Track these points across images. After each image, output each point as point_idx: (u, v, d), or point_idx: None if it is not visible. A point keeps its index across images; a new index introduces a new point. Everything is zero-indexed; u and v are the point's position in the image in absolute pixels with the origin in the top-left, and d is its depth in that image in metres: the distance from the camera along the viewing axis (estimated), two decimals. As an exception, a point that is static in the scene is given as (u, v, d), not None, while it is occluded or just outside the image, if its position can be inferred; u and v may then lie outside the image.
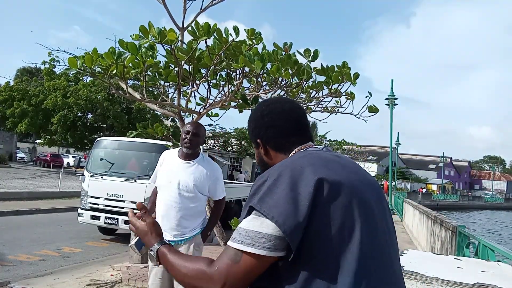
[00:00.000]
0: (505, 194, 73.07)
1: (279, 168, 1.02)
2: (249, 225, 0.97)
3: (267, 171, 1.05)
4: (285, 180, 0.98)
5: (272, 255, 0.94)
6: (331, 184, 0.97)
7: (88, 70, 3.79)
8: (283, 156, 1.19)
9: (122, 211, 7.75)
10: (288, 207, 0.94)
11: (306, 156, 1.08)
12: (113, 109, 25.66)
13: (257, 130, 1.23)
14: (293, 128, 1.21)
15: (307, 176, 0.98)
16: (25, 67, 43.83)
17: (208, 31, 3.53)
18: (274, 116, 1.21)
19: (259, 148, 1.24)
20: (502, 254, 3.54)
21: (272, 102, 1.27)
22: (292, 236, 0.92)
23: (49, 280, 5.13)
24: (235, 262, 0.96)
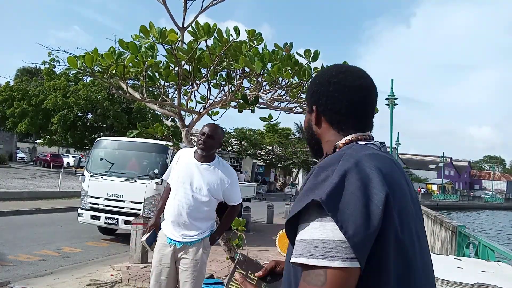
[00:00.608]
0: (505, 194, 73.06)
1: (344, 164, 0.87)
2: (326, 234, 0.81)
3: (329, 164, 0.90)
4: (355, 182, 0.84)
5: (358, 266, 0.80)
6: (394, 197, 0.86)
7: (88, 70, 3.79)
8: (336, 134, 1.04)
9: (122, 211, 7.75)
10: (359, 215, 0.81)
11: (370, 156, 0.92)
12: (113, 109, 25.66)
13: (317, 96, 1.07)
14: (357, 109, 1.05)
15: (377, 183, 0.85)
16: (25, 67, 43.78)
17: (209, 31, 3.53)
18: (342, 89, 1.04)
19: (313, 115, 1.09)
20: (502, 254, 3.54)
21: (345, 70, 1.07)
22: (361, 250, 0.80)
23: (49, 280, 5.13)
24: (321, 285, 0.79)
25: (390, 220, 0.84)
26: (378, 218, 0.81)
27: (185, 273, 2.90)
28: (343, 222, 0.79)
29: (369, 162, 0.89)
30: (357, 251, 0.79)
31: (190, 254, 2.91)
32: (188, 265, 2.90)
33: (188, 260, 2.91)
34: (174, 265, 2.95)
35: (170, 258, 2.93)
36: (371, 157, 0.91)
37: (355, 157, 0.89)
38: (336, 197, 0.82)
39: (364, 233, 0.80)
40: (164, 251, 2.96)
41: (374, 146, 1.00)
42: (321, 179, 0.86)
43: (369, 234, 0.80)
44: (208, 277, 5.20)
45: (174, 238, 2.93)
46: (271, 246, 8.70)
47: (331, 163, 0.90)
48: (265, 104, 4.97)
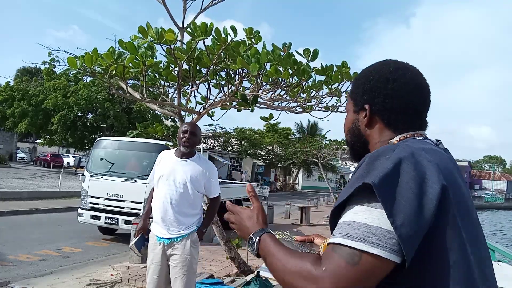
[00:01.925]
0: (505, 194, 73.06)
1: (399, 153, 0.82)
2: (369, 219, 0.78)
3: (381, 154, 0.84)
4: (410, 171, 0.79)
5: (398, 261, 0.77)
6: (453, 193, 0.81)
7: (88, 70, 3.79)
8: (390, 134, 0.98)
9: (122, 211, 7.75)
10: (409, 207, 0.76)
11: (427, 150, 0.87)
12: (113, 109, 25.66)
13: (371, 94, 0.99)
14: (417, 108, 0.99)
15: (433, 176, 0.80)
16: (25, 67, 43.81)
17: (206, 31, 3.54)
18: (403, 87, 0.97)
19: (361, 114, 1.01)
20: (502, 254, 3.55)
21: (402, 67, 1.00)
22: (409, 243, 0.75)
23: (49, 280, 5.13)
24: (352, 264, 0.76)
25: (446, 215, 0.80)
26: (430, 213, 0.77)
27: (175, 269, 2.97)
28: (392, 211, 0.76)
29: (426, 155, 0.84)
30: (403, 243, 0.75)
31: (178, 250, 2.99)
32: (178, 261, 2.98)
33: (177, 255, 2.99)
34: (165, 263, 3.03)
35: (160, 256, 3.01)
36: (428, 151, 0.87)
37: (411, 148, 0.85)
38: (389, 184, 0.78)
39: (413, 227, 0.75)
40: (155, 250, 3.04)
41: (431, 142, 0.96)
42: (374, 166, 0.81)
43: (418, 228, 0.76)
44: (208, 277, 5.20)
45: (162, 236, 3.01)
46: (271, 246, 8.70)
47: (385, 151, 0.84)
48: (265, 103, 4.97)
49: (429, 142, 0.95)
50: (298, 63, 4.04)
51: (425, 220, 0.77)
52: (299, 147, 27.57)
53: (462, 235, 0.82)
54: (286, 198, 21.99)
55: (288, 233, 1.22)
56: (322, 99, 4.93)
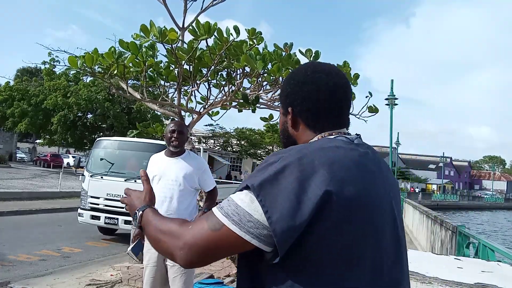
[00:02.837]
0: (505, 194, 73.08)
1: (295, 154, 0.88)
2: (242, 201, 0.86)
3: (281, 152, 0.91)
4: (296, 172, 0.84)
5: (255, 243, 0.84)
6: (340, 199, 0.83)
7: (88, 69, 3.79)
8: (312, 134, 1.03)
9: (122, 211, 7.74)
10: (288, 204, 0.81)
11: (329, 150, 0.90)
12: (113, 109, 25.68)
13: (292, 97, 1.04)
14: (334, 108, 1.03)
15: (319, 179, 0.83)
16: (25, 67, 43.84)
17: (209, 30, 3.54)
18: (317, 89, 1.01)
19: (287, 116, 1.06)
20: (502, 254, 3.55)
21: (319, 69, 1.04)
22: (282, 238, 0.81)
23: (49, 280, 5.13)
24: (213, 229, 0.86)
25: (326, 220, 0.82)
26: (307, 212, 0.81)
27: (174, 268, 2.98)
28: (269, 208, 0.82)
29: (321, 157, 0.87)
30: (276, 237, 0.81)
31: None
32: None
33: None
34: (162, 263, 3.04)
35: (157, 256, 3.03)
36: (327, 150, 0.90)
37: (306, 149, 0.89)
38: (270, 184, 0.84)
39: (288, 223, 0.81)
40: (151, 250, 3.04)
41: (344, 139, 0.98)
42: (267, 164, 0.89)
43: (293, 225, 0.81)
44: (208, 277, 5.20)
45: None
46: (271, 246, 8.71)
47: (283, 151, 0.91)
48: (265, 104, 4.98)
49: (340, 139, 0.97)
50: (300, 64, 4.05)
51: (301, 219, 0.81)
52: (299, 147, 27.54)
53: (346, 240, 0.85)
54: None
55: None
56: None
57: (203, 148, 14.26)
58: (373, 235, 0.89)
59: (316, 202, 0.81)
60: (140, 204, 1.12)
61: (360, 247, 0.86)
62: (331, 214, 0.83)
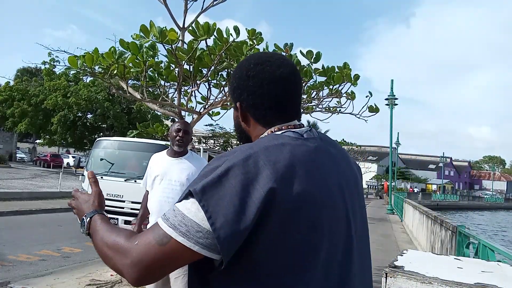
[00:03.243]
0: (505, 194, 73.07)
1: (239, 155, 0.85)
2: (189, 211, 0.82)
3: (225, 155, 0.89)
4: (240, 175, 0.81)
5: (204, 253, 0.82)
6: (284, 198, 0.81)
7: (88, 69, 3.79)
8: (262, 129, 1.00)
9: (122, 211, 7.75)
10: (232, 209, 0.79)
11: (274, 148, 0.88)
12: (113, 109, 25.68)
13: (238, 92, 1.01)
14: (280, 101, 0.98)
15: (263, 179, 0.81)
16: (25, 67, 43.84)
17: (208, 30, 3.54)
18: (261, 82, 0.97)
19: (238, 112, 1.03)
20: (502, 254, 3.55)
21: (262, 61, 0.99)
22: (226, 244, 0.79)
23: (49, 280, 5.13)
24: (160, 244, 0.82)
25: (271, 218, 0.80)
26: (251, 216, 0.79)
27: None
28: (213, 213, 0.79)
29: (267, 155, 0.85)
30: (220, 244, 0.78)
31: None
32: None
33: None
34: None
35: None
36: (273, 149, 0.87)
37: (251, 149, 0.87)
38: (213, 189, 0.81)
39: (232, 229, 0.78)
40: None
41: (292, 134, 0.94)
42: (211, 168, 0.86)
43: (238, 230, 0.78)
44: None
45: None
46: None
47: (228, 154, 0.89)
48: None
49: (287, 135, 0.94)
50: (300, 65, 4.05)
51: (245, 223, 0.78)
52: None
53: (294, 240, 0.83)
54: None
55: None
56: (322, 100, 4.93)
57: (203, 148, 14.24)
58: (322, 234, 0.86)
59: (260, 204, 0.79)
60: (88, 209, 1.02)
61: (310, 248, 0.84)
62: (276, 214, 0.81)
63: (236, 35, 3.65)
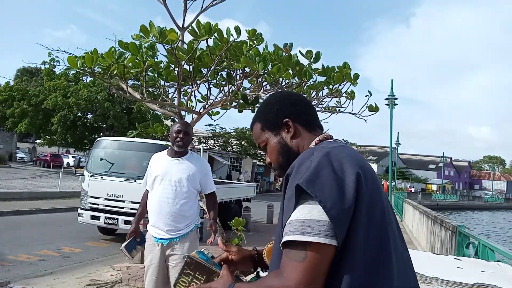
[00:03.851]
0: (505, 194, 73.07)
1: (318, 154, 0.99)
2: (304, 215, 0.91)
3: (300, 158, 1.01)
4: (329, 164, 0.94)
5: (334, 244, 0.89)
6: (365, 179, 0.95)
7: (88, 70, 3.79)
8: (311, 136, 1.16)
9: (122, 211, 7.75)
10: (335, 192, 0.90)
11: (338, 147, 1.04)
12: (113, 109, 25.66)
13: (284, 110, 1.18)
14: (315, 116, 1.24)
15: (348, 166, 0.95)
16: (25, 67, 43.83)
17: (210, 30, 3.54)
18: (296, 98, 1.23)
19: (286, 130, 1.18)
20: (502, 254, 3.54)
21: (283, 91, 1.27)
22: (340, 223, 0.88)
23: (49, 280, 5.13)
24: (302, 260, 0.88)
25: (361, 200, 0.92)
26: (351, 195, 0.90)
27: (175, 268, 2.98)
28: (321, 198, 0.89)
29: (340, 151, 1.01)
30: (334, 223, 0.88)
31: (178, 250, 3.01)
32: (178, 261, 2.99)
33: (176, 255, 3.01)
34: (164, 263, 3.04)
35: (159, 257, 3.02)
36: (340, 148, 1.04)
37: (326, 149, 1.01)
38: (314, 179, 0.92)
39: (341, 208, 0.89)
40: (153, 251, 3.05)
41: (340, 142, 1.13)
42: (300, 171, 0.96)
43: (345, 209, 0.89)
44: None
45: (160, 237, 3.02)
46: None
47: (306, 157, 1.00)
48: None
49: (338, 141, 1.13)
50: (300, 64, 4.05)
51: (349, 201, 0.90)
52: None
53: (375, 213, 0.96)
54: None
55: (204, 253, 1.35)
56: (322, 99, 4.93)
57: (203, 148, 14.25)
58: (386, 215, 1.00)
59: (354, 184, 0.92)
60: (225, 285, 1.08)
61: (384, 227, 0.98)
62: (363, 196, 0.93)
63: (237, 35, 3.65)
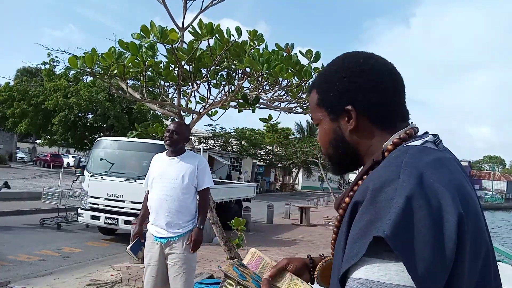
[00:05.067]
0: (505, 194, 73.06)
1: (407, 180, 0.68)
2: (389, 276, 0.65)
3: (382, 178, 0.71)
4: (423, 206, 0.65)
5: None
6: (467, 218, 0.69)
7: (88, 70, 3.79)
8: (380, 134, 0.84)
9: (122, 211, 7.75)
10: (432, 250, 0.64)
11: (433, 164, 0.73)
12: (113, 109, 25.65)
13: (352, 91, 0.84)
14: (399, 97, 0.86)
15: (449, 206, 0.67)
16: (25, 67, 43.80)
17: (211, 30, 3.54)
18: (381, 76, 0.84)
19: (344, 120, 0.85)
20: (502, 254, 3.55)
21: (370, 55, 0.88)
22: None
23: (49, 280, 5.13)
24: None
25: (463, 249, 0.68)
26: (451, 252, 0.65)
27: (174, 267, 3.00)
28: (411, 262, 0.63)
29: (436, 175, 0.70)
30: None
31: (176, 249, 3.03)
32: (177, 259, 3.02)
33: (175, 254, 3.03)
34: (163, 262, 3.08)
35: (158, 255, 3.06)
36: (435, 166, 0.73)
37: (417, 169, 0.70)
38: (403, 229, 0.63)
39: (437, 275, 0.65)
40: (152, 250, 3.08)
41: (431, 145, 0.81)
42: (382, 205, 0.67)
43: (441, 275, 0.65)
44: (208, 277, 5.20)
45: (159, 236, 3.06)
46: (271, 246, 8.70)
47: (389, 179, 0.69)
48: (265, 104, 4.97)
49: (429, 146, 0.80)
50: (300, 64, 4.05)
51: (447, 263, 0.65)
52: (299, 147, 27.58)
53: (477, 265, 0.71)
54: (286, 198, 21.97)
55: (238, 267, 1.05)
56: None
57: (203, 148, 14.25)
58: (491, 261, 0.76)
59: (455, 236, 0.66)
60: None
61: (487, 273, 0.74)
62: (466, 241, 0.68)
63: (237, 35, 3.65)
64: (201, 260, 6.29)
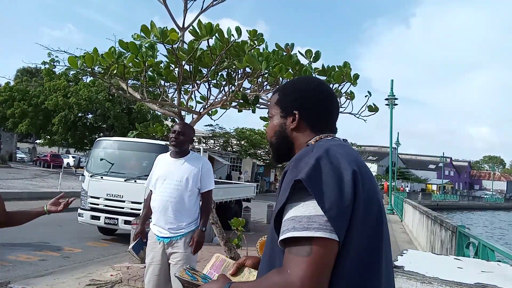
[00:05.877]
0: (505, 194, 73.03)
1: (317, 151, 0.98)
2: (309, 210, 0.90)
3: (301, 153, 1.01)
4: (328, 164, 0.94)
5: (339, 240, 0.89)
6: (362, 177, 0.96)
7: (88, 70, 3.80)
8: (311, 135, 1.15)
9: (122, 211, 7.75)
10: (335, 191, 0.90)
11: (337, 146, 1.04)
12: (113, 109, 25.65)
13: (300, 101, 1.16)
14: (330, 113, 1.19)
15: (346, 165, 0.95)
16: (25, 67, 43.81)
17: (211, 30, 3.54)
18: (322, 97, 1.18)
19: (290, 119, 1.17)
20: (502, 254, 3.54)
21: (320, 82, 1.24)
22: (339, 223, 0.88)
23: (49, 280, 5.13)
24: (307, 255, 0.87)
25: (359, 197, 0.93)
26: (350, 195, 0.91)
27: (176, 266, 3.02)
28: (320, 198, 0.89)
29: (338, 149, 1.01)
30: (333, 223, 0.88)
31: (179, 248, 3.05)
32: (179, 259, 3.03)
33: (177, 254, 3.05)
34: (166, 261, 3.09)
35: (160, 255, 3.07)
36: (337, 146, 1.04)
37: (325, 146, 1.02)
38: (314, 176, 0.92)
39: (339, 208, 0.89)
40: (155, 249, 3.10)
41: (339, 141, 1.13)
42: (300, 166, 0.95)
43: (343, 208, 0.90)
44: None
45: (162, 235, 3.07)
46: (271, 246, 8.69)
47: (305, 153, 1.00)
48: (265, 104, 4.98)
49: (337, 139, 1.14)
50: (300, 64, 4.05)
51: (347, 201, 0.90)
52: (299, 147, 27.50)
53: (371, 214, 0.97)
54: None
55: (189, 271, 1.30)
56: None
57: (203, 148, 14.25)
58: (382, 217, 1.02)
59: (352, 183, 0.92)
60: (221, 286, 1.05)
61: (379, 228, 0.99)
62: (361, 195, 0.93)
63: (238, 35, 3.66)
64: (201, 260, 6.29)
